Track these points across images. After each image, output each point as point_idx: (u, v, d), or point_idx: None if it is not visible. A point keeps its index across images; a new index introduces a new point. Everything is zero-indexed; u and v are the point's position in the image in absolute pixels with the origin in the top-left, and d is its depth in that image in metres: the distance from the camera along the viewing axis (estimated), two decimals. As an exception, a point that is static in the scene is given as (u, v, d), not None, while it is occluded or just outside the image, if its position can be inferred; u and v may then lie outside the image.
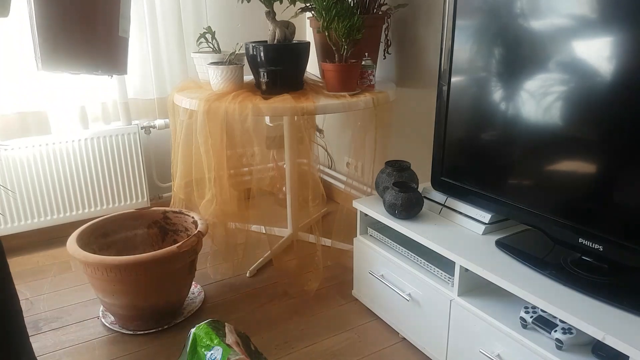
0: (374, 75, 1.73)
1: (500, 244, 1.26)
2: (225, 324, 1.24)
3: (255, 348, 1.25)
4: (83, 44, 0.62)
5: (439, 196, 1.45)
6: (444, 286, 1.29)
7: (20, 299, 1.72)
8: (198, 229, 1.58)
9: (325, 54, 1.78)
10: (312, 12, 1.76)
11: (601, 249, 1.05)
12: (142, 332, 1.53)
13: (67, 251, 1.47)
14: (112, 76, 0.75)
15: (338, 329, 1.54)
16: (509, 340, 1.11)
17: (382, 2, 1.80)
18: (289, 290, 1.75)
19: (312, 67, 1.92)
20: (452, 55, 1.32)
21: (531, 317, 1.10)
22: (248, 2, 1.65)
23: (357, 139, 1.93)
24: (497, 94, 1.24)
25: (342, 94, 1.63)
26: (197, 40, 1.83)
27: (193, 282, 1.70)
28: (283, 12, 1.77)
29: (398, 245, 1.46)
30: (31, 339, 1.52)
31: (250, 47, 1.68)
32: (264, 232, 2.11)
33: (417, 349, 1.42)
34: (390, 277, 1.46)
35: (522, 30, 1.15)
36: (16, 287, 1.78)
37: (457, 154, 1.38)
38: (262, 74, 1.63)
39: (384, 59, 1.98)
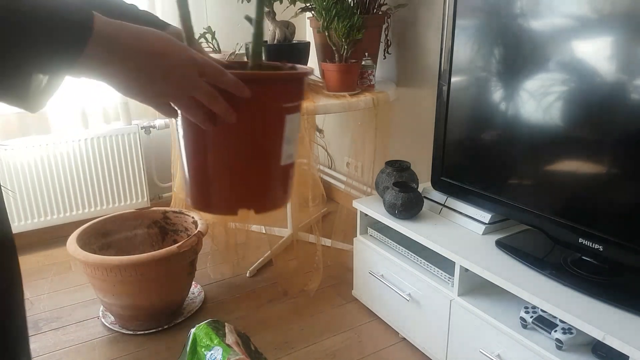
0: (374, 75, 1.73)
1: (500, 244, 1.26)
2: (225, 324, 1.24)
3: (255, 348, 1.25)
4: (236, 186, 0.53)
5: (439, 196, 1.45)
6: (444, 286, 1.29)
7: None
8: (198, 229, 1.58)
9: (325, 54, 1.78)
10: (312, 12, 1.76)
11: (601, 249, 1.05)
12: (142, 332, 1.53)
13: (67, 251, 1.47)
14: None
15: (338, 329, 1.54)
16: (509, 340, 1.11)
17: (382, 2, 1.80)
18: (289, 290, 1.74)
19: (312, 67, 1.92)
20: (452, 55, 1.32)
21: (531, 317, 1.10)
22: (248, 1, 1.65)
23: (357, 139, 1.93)
24: (497, 93, 1.24)
25: (342, 94, 1.63)
26: (198, 40, 1.83)
27: (193, 282, 1.70)
28: (283, 12, 1.77)
29: (398, 245, 1.46)
30: (31, 339, 1.52)
31: (250, 47, 1.68)
32: (264, 232, 2.11)
33: (417, 349, 1.42)
34: (390, 277, 1.46)
35: (522, 30, 1.15)
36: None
37: (457, 153, 1.38)
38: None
39: (384, 59, 1.98)
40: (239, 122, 0.50)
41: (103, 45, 0.40)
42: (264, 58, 1.67)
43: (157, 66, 0.43)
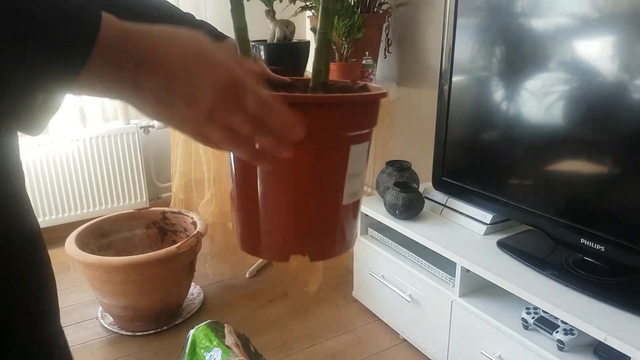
0: (374, 75, 1.72)
1: (501, 244, 1.25)
2: (225, 325, 1.23)
3: (255, 349, 1.24)
4: (287, 230, 0.45)
5: (439, 196, 1.45)
6: (445, 287, 1.28)
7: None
8: (197, 230, 1.57)
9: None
10: (312, 10, 1.75)
11: (603, 250, 1.05)
12: (141, 333, 1.52)
13: (66, 252, 1.46)
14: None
15: (338, 330, 1.53)
16: (510, 341, 1.11)
17: (382, 0, 1.80)
18: (289, 291, 1.74)
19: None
20: (453, 54, 1.31)
21: (533, 317, 1.09)
22: (247, 0, 1.65)
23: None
24: (498, 93, 1.23)
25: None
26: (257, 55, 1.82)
27: (192, 283, 1.69)
28: (283, 10, 1.76)
29: (399, 246, 1.45)
30: (30, 340, 1.52)
31: (250, 46, 1.67)
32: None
33: (418, 350, 1.41)
34: (391, 278, 1.46)
35: (524, 30, 1.14)
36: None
37: (459, 153, 1.38)
38: (261, 73, 1.62)
39: (385, 58, 1.97)
40: (291, 158, 0.41)
41: (109, 61, 0.31)
42: (263, 57, 1.66)
43: (179, 85, 0.33)
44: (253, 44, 1.67)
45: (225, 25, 0.55)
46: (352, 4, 1.71)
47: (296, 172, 0.43)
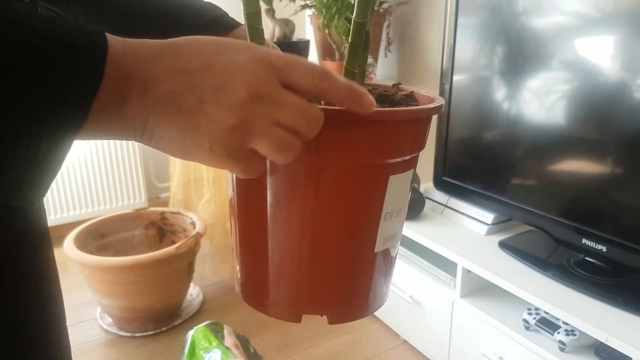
0: (374, 74, 1.72)
1: (503, 244, 1.24)
2: (224, 326, 1.22)
3: (255, 350, 1.23)
4: (302, 285, 0.36)
5: (440, 196, 1.44)
6: (446, 288, 1.28)
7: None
8: (196, 230, 1.56)
9: (326, 52, 1.77)
10: (312, 9, 1.75)
11: (605, 250, 1.04)
12: (140, 334, 1.51)
13: (64, 252, 1.45)
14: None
15: (338, 331, 1.52)
16: (511, 342, 1.10)
17: None
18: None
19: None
20: (454, 53, 1.30)
21: (534, 318, 1.09)
22: None
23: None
24: (499, 92, 1.22)
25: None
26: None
27: (191, 284, 1.69)
28: (283, 9, 1.75)
29: (399, 246, 1.44)
30: (28, 341, 1.51)
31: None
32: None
33: (419, 352, 1.41)
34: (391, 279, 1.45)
35: (525, 28, 1.13)
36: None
37: (460, 153, 1.37)
38: (261, 72, 1.62)
39: (385, 57, 1.96)
40: (309, 189, 0.32)
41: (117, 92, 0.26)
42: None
43: (202, 78, 0.27)
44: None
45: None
46: (352, 2, 1.70)
47: (315, 209, 0.33)
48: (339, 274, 0.36)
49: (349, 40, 0.35)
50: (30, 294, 0.39)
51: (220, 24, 0.46)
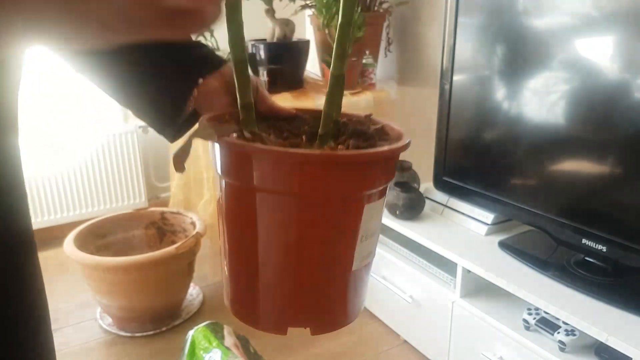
0: (374, 74, 1.72)
1: (503, 244, 1.24)
2: (224, 326, 1.22)
3: (255, 350, 1.23)
4: (287, 300, 0.40)
5: (440, 196, 1.44)
6: (446, 288, 1.28)
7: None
8: (196, 230, 1.56)
9: (326, 52, 1.76)
10: (312, 9, 1.75)
11: (604, 250, 1.04)
12: (140, 334, 1.51)
13: (64, 252, 1.45)
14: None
15: (338, 332, 1.52)
16: (511, 342, 1.10)
17: None
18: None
19: (313, 66, 1.91)
20: (454, 53, 1.30)
21: (534, 318, 1.09)
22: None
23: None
24: (500, 92, 1.22)
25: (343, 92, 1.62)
26: (196, 39, 1.81)
27: (191, 284, 1.69)
28: (283, 9, 1.75)
29: (399, 247, 1.44)
30: (28, 341, 1.51)
31: (250, 45, 1.66)
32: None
33: (419, 352, 1.41)
34: (392, 279, 1.45)
35: (525, 28, 1.13)
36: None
37: (460, 153, 1.37)
38: (261, 72, 1.62)
39: (385, 57, 1.96)
40: (293, 216, 0.36)
41: None
42: (263, 56, 1.66)
43: None
44: (253, 43, 1.66)
45: (224, 22, 0.52)
46: (352, 3, 1.70)
47: (301, 235, 0.37)
48: (321, 290, 0.40)
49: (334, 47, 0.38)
50: (15, 297, 0.39)
51: (206, 61, 0.45)
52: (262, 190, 0.36)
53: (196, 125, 0.38)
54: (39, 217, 1.99)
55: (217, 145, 0.38)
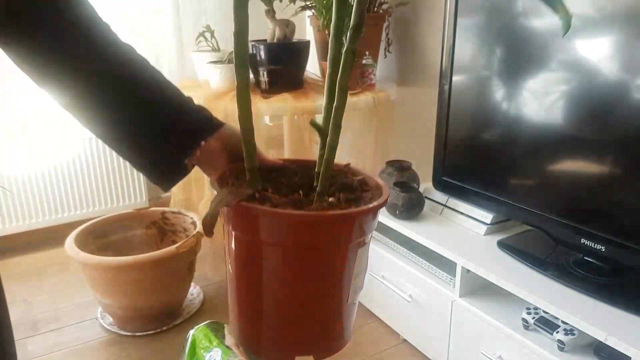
0: (374, 74, 1.72)
1: (502, 244, 1.25)
2: (225, 325, 1.23)
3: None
4: (292, 332, 0.46)
5: (440, 196, 1.44)
6: (445, 287, 1.28)
7: (18, 299, 1.71)
8: (197, 230, 1.57)
9: (326, 53, 1.76)
10: (312, 10, 1.75)
11: (603, 250, 1.04)
12: (140, 334, 1.51)
13: (66, 252, 1.46)
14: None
15: (338, 330, 1.53)
16: (510, 341, 1.10)
17: (382, 0, 1.79)
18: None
19: (313, 66, 1.91)
20: (453, 54, 1.31)
21: (533, 318, 1.09)
22: None
23: (357, 139, 1.92)
24: (499, 93, 1.23)
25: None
26: (196, 39, 1.82)
27: (192, 283, 1.69)
28: (283, 10, 1.76)
29: (399, 246, 1.45)
30: (29, 340, 1.51)
31: (250, 46, 1.67)
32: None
33: (418, 351, 1.41)
34: (391, 278, 1.45)
35: (524, 29, 1.14)
36: (14, 288, 1.78)
37: (459, 153, 1.37)
38: (261, 73, 1.62)
39: (385, 57, 1.96)
40: (296, 264, 0.43)
41: None
42: (263, 57, 1.66)
43: None
44: (253, 43, 1.66)
45: (224, 23, 0.53)
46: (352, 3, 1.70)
47: (300, 278, 0.44)
48: (322, 323, 0.47)
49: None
50: None
51: (208, 125, 0.50)
52: (267, 243, 0.43)
53: (219, 194, 0.43)
54: (40, 217, 2.00)
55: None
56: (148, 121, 0.48)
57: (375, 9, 1.79)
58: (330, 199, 0.45)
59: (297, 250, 0.43)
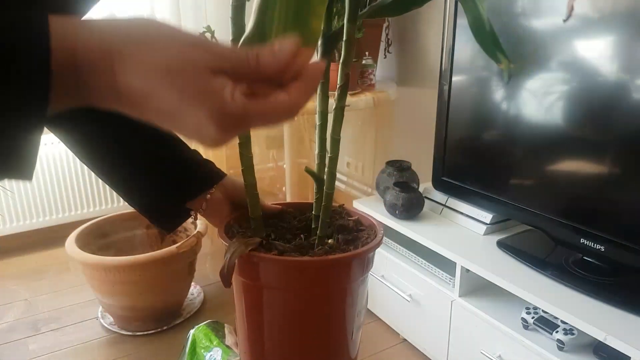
0: (374, 75, 1.72)
1: (501, 244, 1.25)
2: (225, 325, 1.23)
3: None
4: None
5: (440, 196, 1.44)
6: (445, 287, 1.28)
7: (19, 299, 1.71)
8: (197, 230, 1.57)
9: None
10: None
11: (603, 250, 1.05)
12: (141, 333, 1.52)
13: (66, 252, 1.46)
14: None
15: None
16: (510, 341, 1.11)
17: (382, 1, 1.79)
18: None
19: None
20: (453, 54, 1.31)
21: (532, 317, 1.09)
22: (248, 0, 1.65)
23: (357, 139, 1.93)
24: (498, 93, 1.23)
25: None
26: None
27: (192, 283, 1.69)
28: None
29: (399, 246, 1.45)
30: (30, 340, 1.52)
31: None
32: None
33: (418, 350, 1.41)
34: (391, 278, 1.46)
35: (524, 29, 1.14)
36: (15, 287, 1.78)
37: (459, 153, 1.38)
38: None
39: (385, 58, 1.97)
40: (303, 306, 0.46)
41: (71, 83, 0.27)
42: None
43: (152, 110, 0.28)
44: (253, 44, 1.67)
45: (224, 23, 0.54)
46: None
47: (307, 321, 0.47)
48: (329, 356, 0.49)
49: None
50: None
51: (213, 176, 0.54)
52: (274, 288, 0.46)
53: (231, 245, 0.45)
54: (40, 217, 2.00)
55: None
56: (164, 173, 0.52)
57: (375, 9, 1.79)
58: (330, 241, 0.48)
59: (304, 293, 0.46)
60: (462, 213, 1.38)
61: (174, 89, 0.27)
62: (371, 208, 1.51)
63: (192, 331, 1.19)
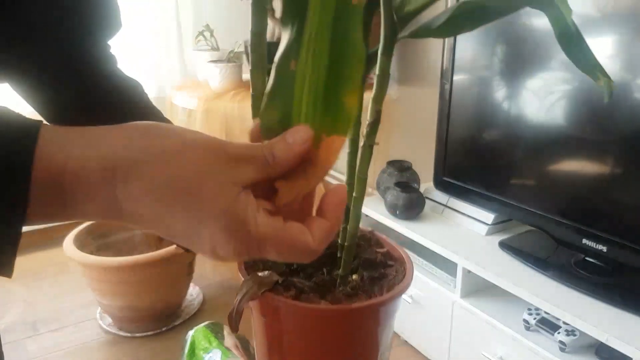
0: (375, 74, 1.71)
1: (503, 245, 1.24)
2: (224, 326, 1.22)
3: (255, 351, 1.23)
4: None
5: (440, 196, 1.44)
6: (446, 288, 1.28)
7: (17, 300, 1.70)
8: (197, 230, 1.56)
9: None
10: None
11: (605, 250, 1.04)
12: (140, 334, 1.51)
13: (64, 252, 1.45)
14: None
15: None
16: (511, 342, 1.10)
17: None
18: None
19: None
20: (454, 53, 1.30)
21: (534, 318, 1.09)
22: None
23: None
24: (500, 92, 1.22)
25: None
26: (196, 38, 1.81)
27: (191, 284, 1.69)
28: (283, 10, 1.75)
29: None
30: (28, 341, 1.51)
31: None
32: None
33: (419, 352, 1.41)
34: (391, 278, 1.45)
35: (525, 29, 1.13)
36: (14, 288, 1.77)
37: (460, 153, 1.37)
38: (261, 72, 1.62)
39: (385, 57, 1.96)
40: (321, 353, 0.43)
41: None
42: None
43: (165, 232, 0.27)
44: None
45: (224, 22, 0.53)
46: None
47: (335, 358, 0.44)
48: None
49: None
50: None
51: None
52: (290, 332, 0.43)
53: (244, 285, 0.41)
54: (39, 217, 1.99)
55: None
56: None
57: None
58: (354, 277, 0.45)
59: (322, 340, 0.43)
60: (463, 213, 1.37)
61: (192, 212, 0.25)
62: (371, 208, 1.50)
63: (191, 332, 1.19)
